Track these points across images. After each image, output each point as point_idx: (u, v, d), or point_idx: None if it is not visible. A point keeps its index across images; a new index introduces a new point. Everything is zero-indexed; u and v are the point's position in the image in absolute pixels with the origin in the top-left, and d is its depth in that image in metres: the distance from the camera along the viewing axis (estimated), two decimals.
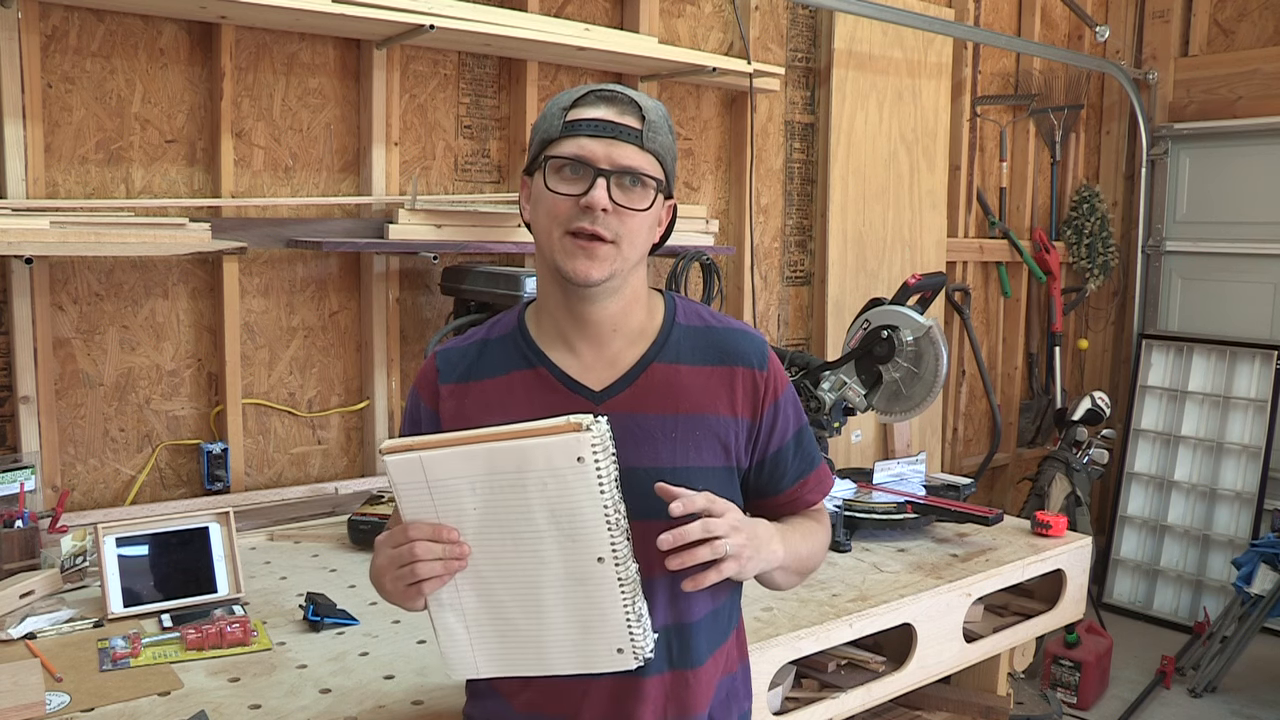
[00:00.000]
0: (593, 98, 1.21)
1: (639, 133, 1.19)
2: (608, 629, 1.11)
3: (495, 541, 1.11)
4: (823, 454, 1.40)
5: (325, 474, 2.63)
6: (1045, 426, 4.68)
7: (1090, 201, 4.65)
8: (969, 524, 2.45)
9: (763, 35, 3.38)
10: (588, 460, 1.05)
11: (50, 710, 1.45)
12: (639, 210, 1.18)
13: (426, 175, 2.71)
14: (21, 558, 1.92)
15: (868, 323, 2.43)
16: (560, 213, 1.18)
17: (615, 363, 1.25)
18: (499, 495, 1.09)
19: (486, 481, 1.09)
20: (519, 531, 1.10)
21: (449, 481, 1.09)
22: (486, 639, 1.15)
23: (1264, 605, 3.65)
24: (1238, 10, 4.52)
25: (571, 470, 1.06)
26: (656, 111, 1.23)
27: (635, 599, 1.10)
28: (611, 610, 1.10)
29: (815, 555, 1.34)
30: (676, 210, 1.33)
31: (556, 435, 1.05)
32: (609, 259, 1.18)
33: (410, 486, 1.11)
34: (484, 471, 1.09)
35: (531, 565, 1.11)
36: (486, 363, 1.28)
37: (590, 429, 1.05)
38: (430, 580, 1.11)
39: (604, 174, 1.16)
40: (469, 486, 1.09)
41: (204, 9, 2.19)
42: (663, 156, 1.21)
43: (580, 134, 1.18)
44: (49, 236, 2.00)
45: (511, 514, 1.09)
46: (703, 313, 1.32)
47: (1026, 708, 3.03)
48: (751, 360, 1.27)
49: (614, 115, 1.19)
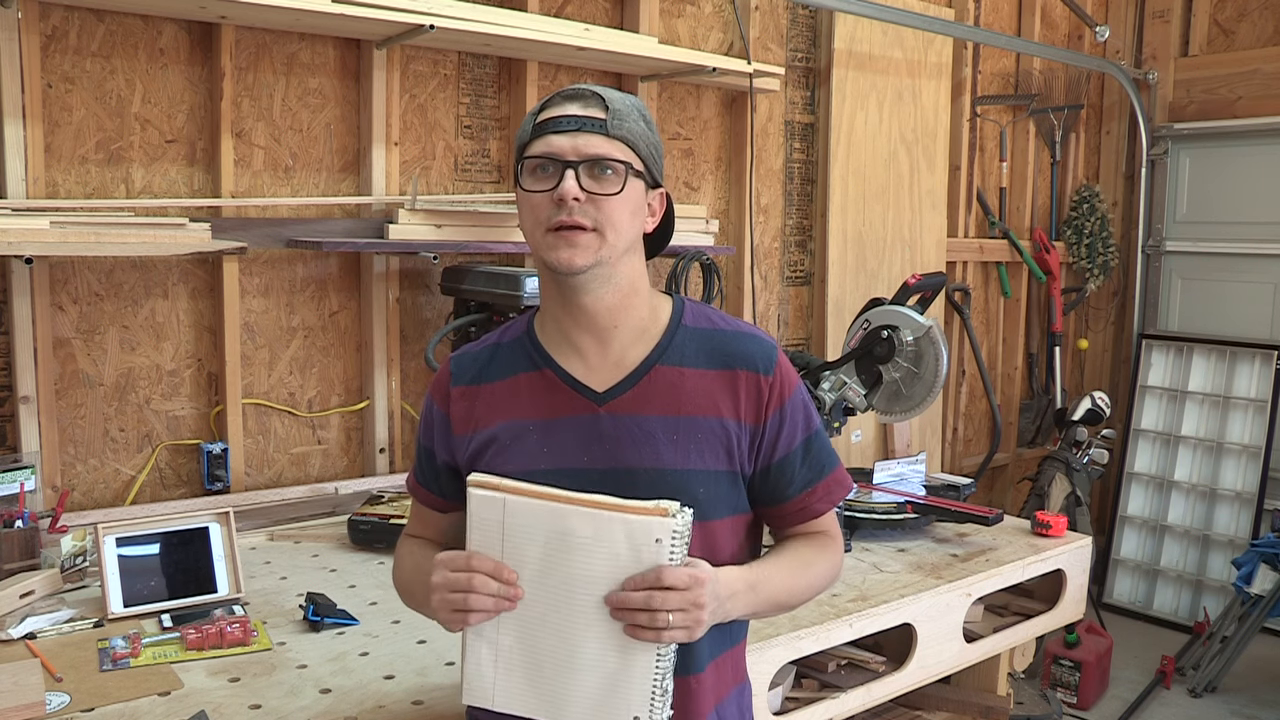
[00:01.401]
0: (559, 99, 1.24)
1: (603, 122, 1.21)
2: (631, 695, 1.14)
3: (549, 594, 1.14)
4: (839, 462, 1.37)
5: (325, 474, 2.63)
6: (1045, 426, 4.68)
7: (1090, 201, 4.65)
8: (969, 524, 2.45)
9: (763, 35, 3.38)
10: (664, 543, 1.10)
11: (50, 710, 1.45)
12: (611, 195, 1.20)
13: (426, 175, 2.72)
14: (21, 558, 1.92)
15: (868, 323, 2.43)
16: (540, 211, 1.21)
17: (619, 364, 1.26)
18: (566, 555, 1.13)
19: (559, 539, 1.13)
20: (575, 591, 1.13)
21: (523, 528, 1.13)
22: (512, 677, 1.17)
23: (1264, 605, 3.65)
24: (1238, 10, 4.52)
25: (647, 549, 1.10)
26: (624, 102, 1.24)
27: (666, 677, 1.14)
28: (641, 680, 1.13)
29: (808, 589, 1.32)
30: (672, 202, 1.33)
31: (642, 515, 1.10)
32: (591, 246, 1.20)
33: (485, 522, 1.14)
34: (559, 529, 1.13)
35: (578, 624, 1.14)
36: (496, 366, 1.31)
37: (675, 516, 1.10)
38: (477, 614, 1.14)
39: (571, 165, 1.19)
40: (541, 538, 1.13)
41: (204, 9, 2.19)
42: (633, 142, 1.22)
43: (548, 132, 1.21)
44: (49, 236, 2.00)
45: (573, 574, 1.13)
46: (711, 315, 1.32)
47: (1026, 708, 3.03)
48: (756, 364, 1.27)
49: (578, 110, 1.22)
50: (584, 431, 1.24)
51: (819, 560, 1.33)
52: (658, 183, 1.28)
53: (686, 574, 1.11)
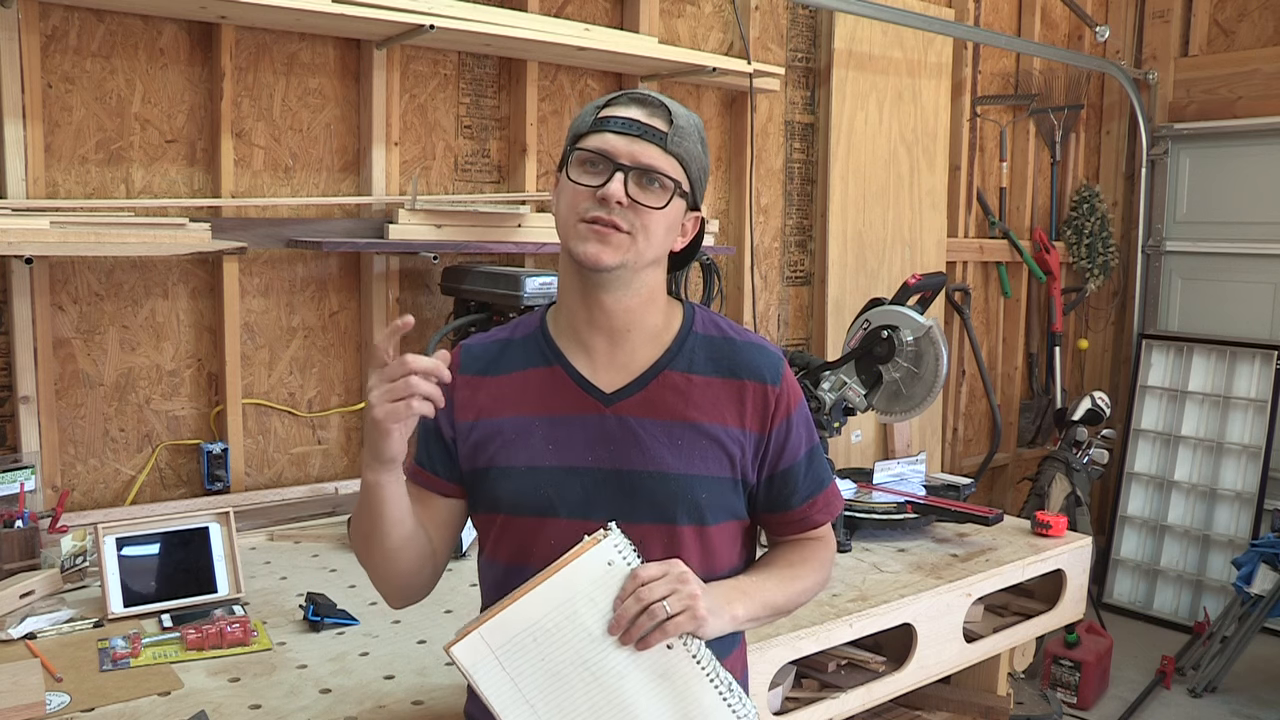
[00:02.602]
0: (625, 99, 1.25)
1: (664, 135, 1.22)
2: (708, 713, 1.14)
3: (575, 678, 1.14)
4: (828, 462, 1.40)
5: (325, 474, 2.63)
6: (1045, 426, 4.67)
7: (1090, 201, 4.65)
8: (969, 524, 2.45)
9: (763, 35, 3.38)
10: (617, 562, 1.13)
11: (50, 710, 1.45)
12: (654, 208, 1.21)
13: (426, 175, 2.71)
14: (21, 558, 1.92)
15: (868, 323, 2.43)
16: (580, 202, 1.22)
17: (629, 366, 1.28)
18: (559, 634, 1.13)
19: (544, 625, 1.13)
20: (589, 657, 1.13)
21: (512, 642, 1.14)
22: None
23: (1264, 605, 3.65)
24: (1238, 10, 4.52)
25: (609, 576, 1.13)
26: (688, 120, 1.25)
27: (717, 672, 1.15)
28: (703, 693, 1.14)
29: (801, 596, 1.34)
30: (704, 227, 1.35)
31: (584, 554, 1.13)
32: (622, 247, 1.20)
33: (482, 667, 1.14)
34: (539, 615, 1.13)
35: (614, 685, 1.14)
36: (506, 360, 1.31)
37: (607, 534, 1.13)
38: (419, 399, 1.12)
39: (623, 169, 1.20)
40: (531, 639, 1.14)
41: (204, 9, 2.19)
42: (687, 162, 1.24)
43: (607, 130, 1.22)
44: (49, 236, 2.00)
45: (578, 644, 1.14)
46: (721, 324, 1.34)
47: (1026, 708, 3.03)
48: (764, 375, 1.28)
49: (642, 116, 1.22)
50: (589, 431, 1.25)
51: (809, 572, 1.36)
52: (698, 205, 1.30)
53: (655, 565, 1.13)
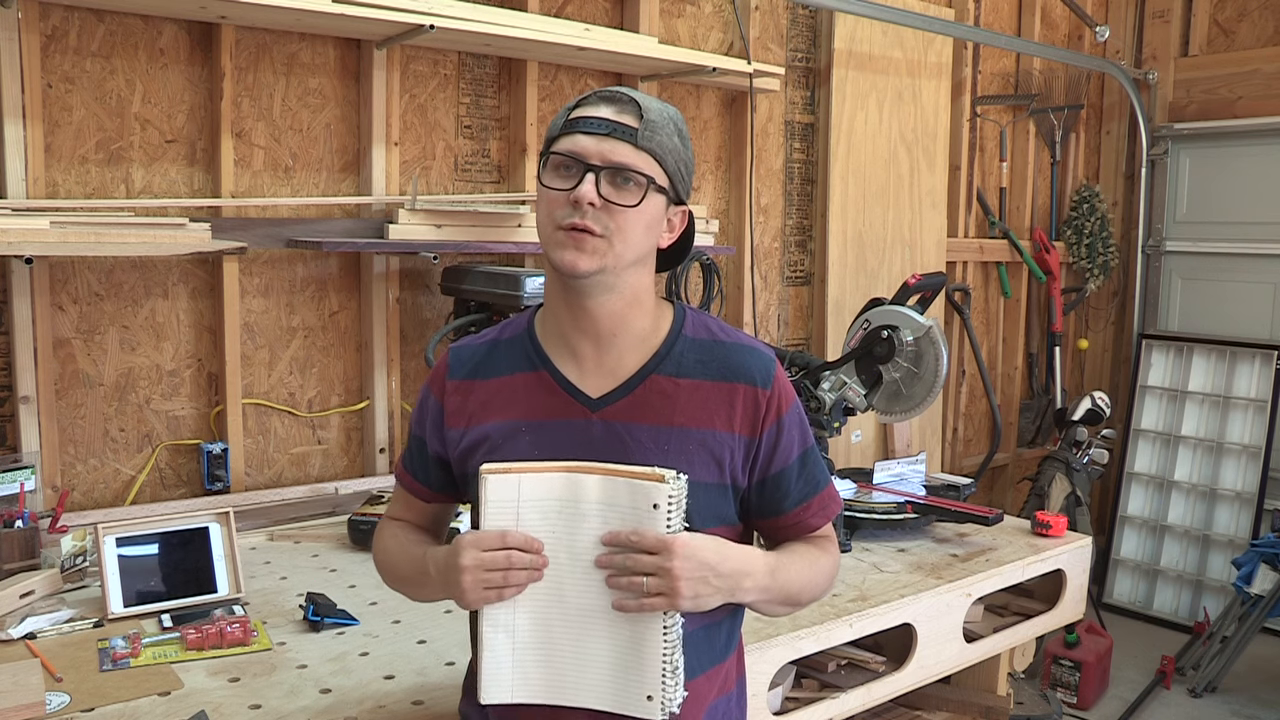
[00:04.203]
0: (595, 98, 1.23)
1: (634, 131, 1.20)
2: (643, 673, 1.16)
3: (562, 566, 1.17)
4: (828, 462, 1.39)
5: (325, 474, 2.63)
6: (1045, 426, 4.67)
7: (1090, 201, 4.65)
8: (969, 524, 2.45)
9: (763, 35, 3.38)
10: (661, 509, 1.13)
11: (50, 710, 1.45)
12: (627, 206, 1.19)
13: (426, 175, 2.72)
14: (21, 558, 1.92)
15: (868, 323, 2.43)
16: (555, 208, 1.20)
17: (615, 371, 1.26)
18: (577, 524, 1.16)
19: (571, 508, 1.16)
20: (585, 561, 1.16)
21: (537, 502, 1.16)
22: (527, 664, 1.18)
23: (1264, 605, 3.65)
24: (1238, 10, 4.52)
25: (646, 514, 1.14)
26: (660, 113, 1.23)
27: (675, 653, 1.16)
28: (650, 656, 1.15)
29: (814, 585, 1.32)
30: (694, 220, 1.32)
31: (643, 480, 1.14)
32: (598, 252, 1.19)
33: (500, 504, 1.16)
34: (570, 497, 1.16)
35: (588, 594, 1.16)
36: (494, 362, 1.30)
37: (670, 482, 1.13)
38: (513, 588, 1.16)
39: (593, 169, 1.18)
40: (555, 510, 1.16)
41: (204, 9, 2.19)
42: (661, 156, 1.21)
43: (577, 131, 1.20)
44: (49, 236, 2.00)
45: (582, 542, 1.16)
46: (711, 326, 1.31)
47: (1026, 708, 3.03)
48: (754, 378, 1.26)
49: (612, 114, 1.20)
50: (575, 436, 1.24)
51: (822, 560, 1.35)
52: (682, 199, 1.27)
53: (655, 538, 1.13)
